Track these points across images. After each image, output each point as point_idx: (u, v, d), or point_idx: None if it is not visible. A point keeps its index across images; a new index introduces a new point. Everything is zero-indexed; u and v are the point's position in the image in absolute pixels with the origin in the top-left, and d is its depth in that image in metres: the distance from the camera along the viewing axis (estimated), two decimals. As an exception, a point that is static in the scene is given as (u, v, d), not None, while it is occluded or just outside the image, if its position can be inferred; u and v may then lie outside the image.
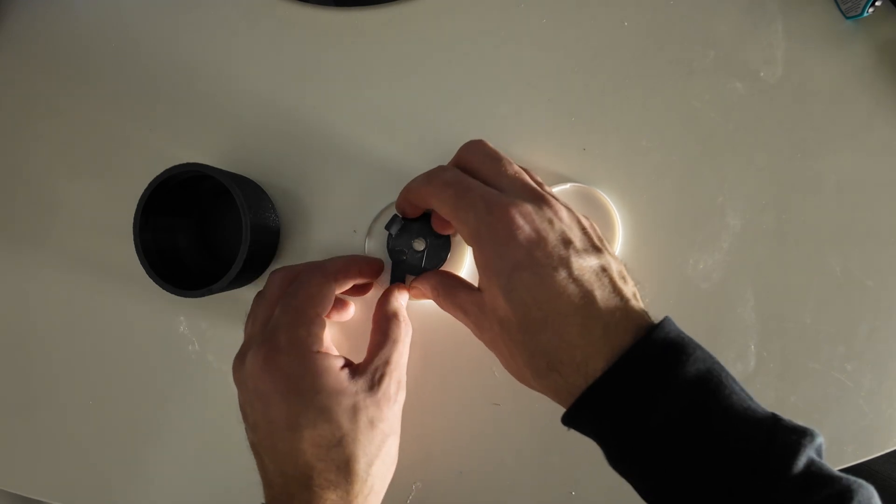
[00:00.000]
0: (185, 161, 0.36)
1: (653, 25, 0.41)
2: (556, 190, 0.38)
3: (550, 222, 0.29)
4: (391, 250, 0.38)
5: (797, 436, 0.25)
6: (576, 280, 0.28)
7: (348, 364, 0.34)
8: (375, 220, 0.40)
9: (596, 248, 0.30)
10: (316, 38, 0.42)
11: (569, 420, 0.29)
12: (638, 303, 0.29)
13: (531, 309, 0.28)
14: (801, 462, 0.25)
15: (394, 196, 0.41)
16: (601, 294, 0.28)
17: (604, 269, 0.29)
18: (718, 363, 0.27)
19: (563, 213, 0.30)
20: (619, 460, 0.28)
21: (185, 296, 0.36)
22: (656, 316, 0.28)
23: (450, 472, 0.41)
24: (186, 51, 0.43)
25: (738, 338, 0.40)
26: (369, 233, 0.40)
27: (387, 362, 0.34)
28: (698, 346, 0.27)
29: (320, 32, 0.42)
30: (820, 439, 0.26)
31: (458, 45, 0.42)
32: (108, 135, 0.44)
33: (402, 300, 0.37)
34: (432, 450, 0.41)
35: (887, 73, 0.39)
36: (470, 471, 0.41)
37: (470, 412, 0.40)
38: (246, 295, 0.42)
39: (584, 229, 0.30)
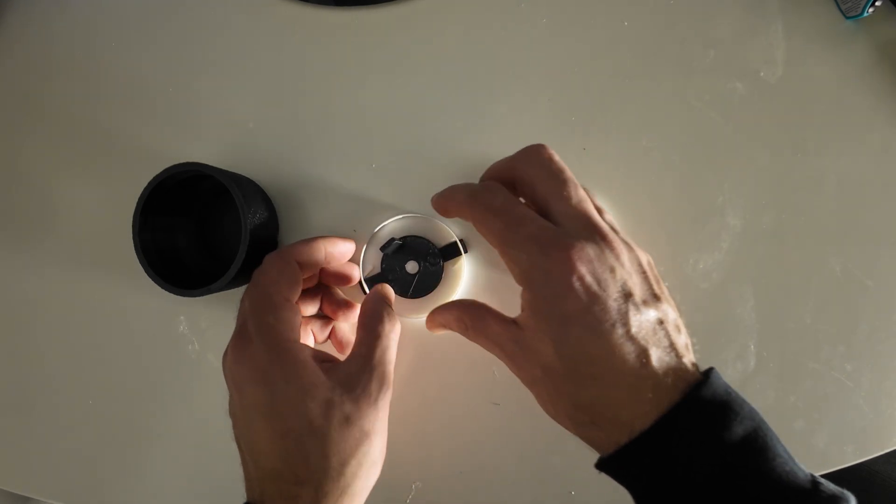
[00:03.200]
0: (184, 161, 0.36)
1: (653, 25, 0.41)
2: None
3: (612, 270, 0.27)
4: (384, 270, 0.38)
5: (835, 503, 0.25)
6: (632, 338, 0.26)
7: (327, 359, 0.33)
8: (378, 231, 0.40)
9: (655, 297, 0.28)
10: (316, 38, 0.42)
11: (603, 468, 0.28)
12: (689, 355, 0.28)
13: (581, 364, 0.26)
14: None
15: (395, 195, 0.42)
16: (656, 353, 0.26)
17: (661, 322, 0.27)
18: (763, 420, 0.26)
19: (625, 257, 0.28)
20: None
21: (185, 295, 0.36)
22: (702, 363, 0.27)
23: (450, 472, 0.41)
24: (186, 50, 0.43)
25: (738, 338, 0.40)
26: (370, 241, 0.40)
27: (368, 359, 0.33)
28: (745, 402, 0.26)
29: (320, 32, 0.42)
30: (854, 503, 0.26)
31: (457, 45, 0.42)
32: (107, 134, 0.44)
33: (386, 298, 0.36)
34: (432, 450, 0.41)
35: (887, 73, 0.39)
36: (470, 471, 0.40)
37: (470, 412, 0.40)
38: (246, 295, 0.42)
39: (643, 274, 0.28)
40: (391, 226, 0.40)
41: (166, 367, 0.43)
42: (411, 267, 0.39)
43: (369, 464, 0.32)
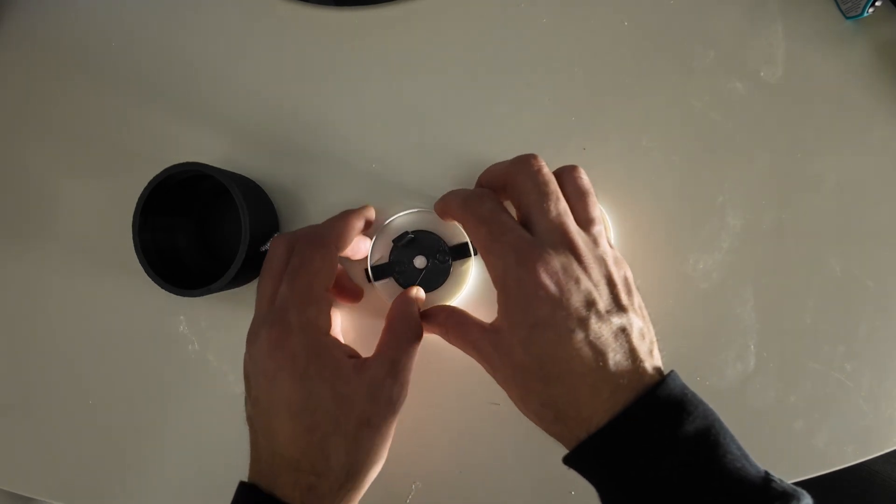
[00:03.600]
0: (184, 160, 0.36)
1: (653, 25, 0.41)
2: None
3: (577, 281, 0.29)
4: (391, 261, 0.38)
5: (786, 500, 0.26)
6: (591, 343, 0.28)
7: (355, 356, 0.34)
8: (389, 222, 0.40)
9: (620, 308, 0.30)
10: (316, 38, 0.42)
11: (568, 462, 0.30)
12: (653, 360, 0.30)
13: (546, 364, 0.29)
14: None
15: (394, 195, 0.41)
16: (614, 357, 0.28)
17: (623, 330, 0.29)
18: (718, 420, 0.28)
19: (594, 269, 0.30)
20: None
21: (185, 295, 0.36)
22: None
23: (450, 471, 0.41)
24: (186, 50, 0.43)
25: (738, 338, 0.40)
26: (381, 231, 0.40)
27: (395, 364, 0.34)
28: (701, 403, 0.28)
29: (320, 32, 0.42)
30: (808, 501, 0.27)
31: (457, 45, 0.42)
32: (107, 134, 0.44)
33: (416, 303, 0.37)
34: (432, 450, 0.41)
35: (887, 73, 0.39)
36: (470, 471, 0.40)
37: (470, 412, 0.40)
38: (246, 294, 0.42)
39: (612, 285, 0.30)
40: (403, 219, 0.40)
41: (166, 367, 0.43)
42: (419, 262, 0.39)
43: (376, 461, 0.34)
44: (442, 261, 0.38)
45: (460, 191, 0.34)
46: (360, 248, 0.38)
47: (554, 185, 0.32)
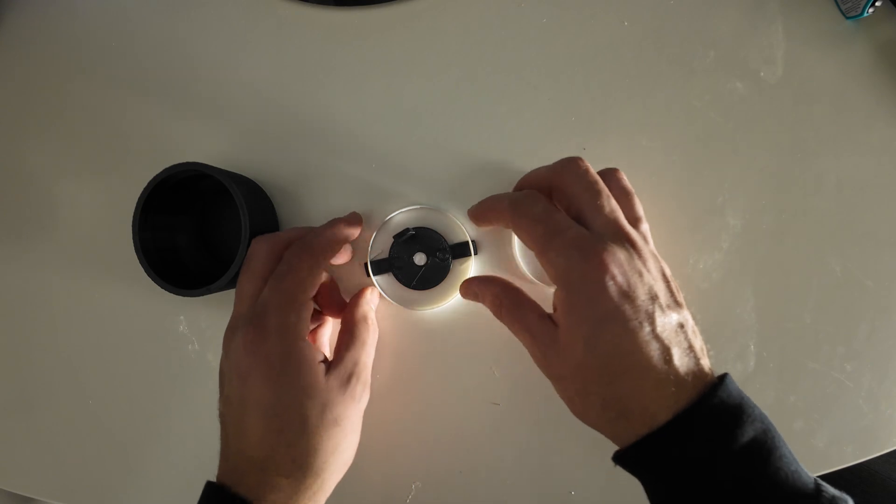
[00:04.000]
0: (184, 160, 0.36)
1: (653, 25, 0.41)
2: None
3: (640, 274, 0.29)
4: (391, 257, 0.38)
5: None
6: (657, 337, 0.28)
7: (324, 360, 0.35)
8: (391, 218, 0.40)
9: (677, 304, 0.30)
10: (316, 38, 0.42)
11: (621, 460, 0.29)
12: (705, 358, 0.30)
13: (612, 360, 0.28)
14: None
15: (394, 195, 0.42)
16: (678, 352, 0.28)
17: (681, 326, 0.29)
18: (771, 423, 0.28)
19: (651, 264, 0.30)
20: None
21: (184, 295, 0.36)
22: (717, 369, 0.30)
23: (450, 472, 0.41)
24: (187, 50, 0.43)
25: (738, 338, 0.40)
26: (381, 227, 0.40)
27: (356, 363, 0.35)
28: (755, 406, 0.28)
29: (320, 32, 0.42)
30: None
31: (458, 45, 0.42)
32: (107, 134, 0.44)
33: (372, 304, 0.38)
34: (432, 450, 0.41)
35: (887, 73, 0.39)
36: (470, 471, 0.40)
37: (470, 412, 0.40)
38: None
39: (667, 282, 0.30)
40: (405, 215, 0.40)
41: (166, 367, 0.43)
42: (419, 259, 0.39)
43: (345, 460, 0.34)
44: (442, 259, 0.38)
45: (503, 194, 0.34)
46: (342, 254, 0.39)
47: (602, 184, 0.32)
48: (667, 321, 0.29)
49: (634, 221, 0.32)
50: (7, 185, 0.45)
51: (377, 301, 0.39)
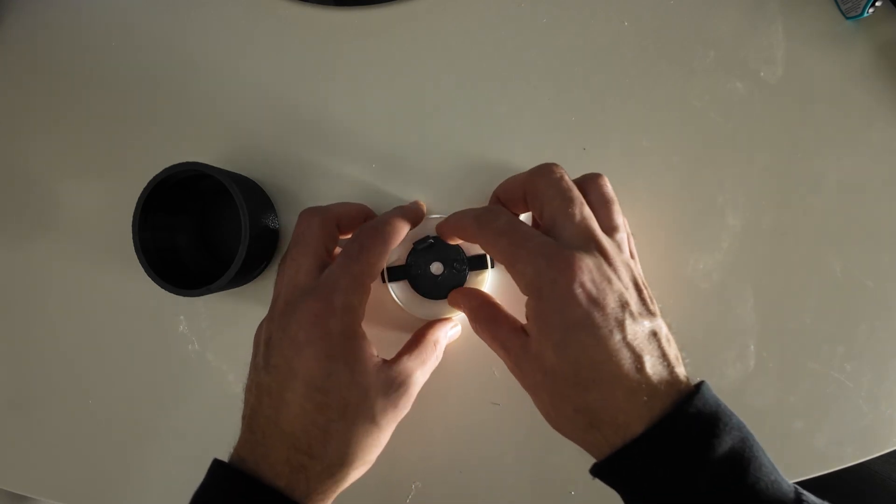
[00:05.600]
0: (184, 160, 0.36)
1: (653, 25, 0.41)
2: None
3: (610, 281, 0.29)
4: (408, 264, 0.38)
5: None
6: (629, 345, 0.28)
7: (378, 355, 0.34)
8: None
9: (649, 312, 0.30)
10: (316, 38, 0.42)
11: (597, 472, 0.29)
12: (680, 367, 0.29)
13: (582, 368, 0.28)
14: None
15: (394, 195, 0.42)
16: (650, 360, 0.28)
17: (654, 334, 0.29)
18: (750, 432, 0.28)
19: (623, 272, 0.30)
20: None
21: (184, 295, 0.36)
22: (693, 377, 0.29)
23: (450, 471, 0.41)
24: (187, 50, 0.43)
25: (738, 338, 0.40)
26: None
27: (409, 375, 0.34)
28: (733, 415, 0.28)
29: (320, 32, 0.42)
30: None
31: (458, 45, 0.42)
32: (107, 134, 0.44)
33: (450, 336, 0.39)
34: (432, 450, 0.41)
35: (887, 73, 0.39)
36: (470, 470, 0.40)
37: (470, 412, 0.40)
38: (246, 294, 0.42)
39: (639, 290, 0.30)
40: (428, 223, 0.39)
41: (166, 367, 0.43)
42: (436, 268, 0.38)
43: (368, 460, 0.34)
44: (459, 270, 0.38)
45: (468, 210, 0.34)
46: None
47: (577, 191, 0.32)
48: (638, 329, 0.28)
49: (610, 230, 0.32)
50: (7, 185, 0.45)
51: (455, 337, 0.39)
